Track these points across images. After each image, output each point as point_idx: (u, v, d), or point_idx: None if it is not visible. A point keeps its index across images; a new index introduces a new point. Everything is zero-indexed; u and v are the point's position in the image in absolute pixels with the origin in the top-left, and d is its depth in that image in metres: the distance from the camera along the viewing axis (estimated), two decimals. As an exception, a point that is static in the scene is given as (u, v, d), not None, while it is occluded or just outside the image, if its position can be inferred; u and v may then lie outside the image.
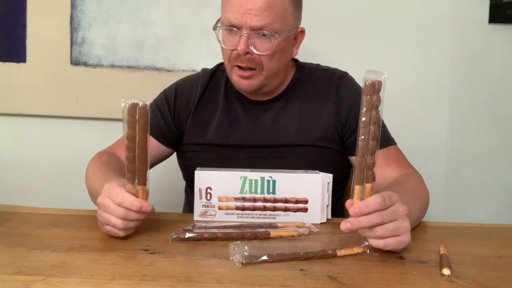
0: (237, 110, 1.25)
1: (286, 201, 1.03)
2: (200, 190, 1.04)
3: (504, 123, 1.73)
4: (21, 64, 1.71)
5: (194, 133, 1.26)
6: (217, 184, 1.03)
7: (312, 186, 1.04)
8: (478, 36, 1.69)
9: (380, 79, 0.81)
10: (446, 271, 0.79)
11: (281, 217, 1.03)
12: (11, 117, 1.75)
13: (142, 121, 0.87)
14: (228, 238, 0.91)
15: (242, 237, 0.92)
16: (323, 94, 1.23)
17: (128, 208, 0.88)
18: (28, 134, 1.77)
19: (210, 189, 1.03)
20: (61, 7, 1.69)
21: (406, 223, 0.84)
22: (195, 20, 1.69)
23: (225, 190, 1.03)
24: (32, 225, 1.00)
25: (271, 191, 1.03)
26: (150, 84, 1.67)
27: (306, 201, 1.03)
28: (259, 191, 1.03)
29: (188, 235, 0.91)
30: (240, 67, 1.14)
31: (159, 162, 1.30)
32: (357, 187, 0.84)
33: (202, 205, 1.04)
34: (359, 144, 0.83)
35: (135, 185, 0.90)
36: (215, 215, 1.04)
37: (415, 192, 1.03)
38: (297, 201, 1.03)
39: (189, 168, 1.20)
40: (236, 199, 1.03)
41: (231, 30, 1.12)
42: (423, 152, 1.72)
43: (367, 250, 0.86)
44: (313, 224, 1.02)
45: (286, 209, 1.03)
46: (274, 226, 0.99)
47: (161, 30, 1.70)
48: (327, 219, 1.06)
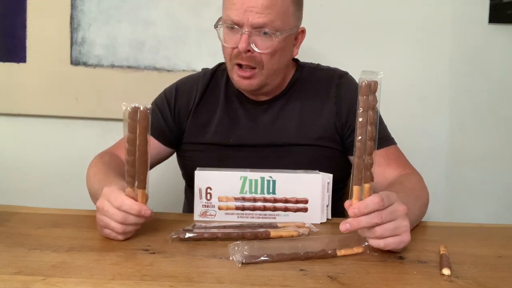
0: (237, 109, 1.25)
1: (286, 201, 1.03)
2: (200, 190, 1.04)
3: (504, 123, 1.73)
4: (21, 64, 1.71)
5: (194, 133, 1.26)
6: (217, 184, 1.03)
7: (312, 186, 1.04)
8: (478, 36, 1.69)
9: (376, 79, 0.82)
10: (446, 271, 0.78)
11: (281, 217, 1.03)
12: (11, 117, 1.75)
13: (143, 125, 0.87)
14: (228, 238, 0.91)
15: (242, 237, 0.92)
16: (323, 94, 1.23)
17: (127, 211, 0.88)
18: (28, 134, 1.77)
19: (210, 189, 1.03)
20: (61, 7, 1.69)
21: (406, 222, 0.84)
22: (195, 20, 1.69)
23: (225, 190, 1.03)
24: (32, 225, 1.00)
25: (271, 191, 1.03)
26: (150, 84, 1.67)
27: (306, 201, 1.03)
28: (259, 191, 1.03)
29: (188, 235, 0.91)
30: (241, 67, 1.14)
31: (159, 163, 1.30)
32: (355, 188, 0.84)
33: (202, 205, 1.04)
34: (357, 145, 0.83)
35: (135, 189, 0.90)
36: (215, 215, 1.04)
37: (415, 192, 1.03)
38: (297, 201, 1.03)
39: (189, 167, 1.20)
40: (236, 199, 1.03)
41: (233, 28, 1.12)
42: (423, 152, 1.72)
43: (367, 250, 0.86)
44: (313, 224, 1.01)
45: (286, 209, 1.03)
46: (274, 226, 0.99)
47: (161, 30, 1.70)
48: (327, 219, 1.06)
